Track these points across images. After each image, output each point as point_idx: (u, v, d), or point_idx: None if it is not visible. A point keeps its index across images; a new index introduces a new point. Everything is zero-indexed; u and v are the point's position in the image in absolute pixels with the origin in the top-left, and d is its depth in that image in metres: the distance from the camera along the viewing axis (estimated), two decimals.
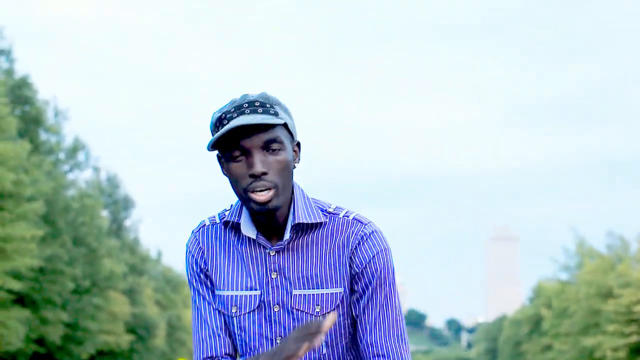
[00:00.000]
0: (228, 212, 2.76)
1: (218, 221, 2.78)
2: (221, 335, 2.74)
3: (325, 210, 2.71)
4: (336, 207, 2.72)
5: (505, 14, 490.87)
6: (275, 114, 2.56)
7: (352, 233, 2.67)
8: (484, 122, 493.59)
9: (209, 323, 2.74)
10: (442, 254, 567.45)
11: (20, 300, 35.68)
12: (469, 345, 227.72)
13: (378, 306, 2.66)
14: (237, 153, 2.54)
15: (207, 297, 2.76)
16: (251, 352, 2.71)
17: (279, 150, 2.55)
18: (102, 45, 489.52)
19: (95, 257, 45.12)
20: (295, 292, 2.66)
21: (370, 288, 2.65)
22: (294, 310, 2.67)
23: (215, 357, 2.73)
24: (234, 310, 2.71)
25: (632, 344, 46.77)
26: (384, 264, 2.67)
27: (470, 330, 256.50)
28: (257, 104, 2.55)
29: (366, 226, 2.68)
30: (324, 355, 2.71)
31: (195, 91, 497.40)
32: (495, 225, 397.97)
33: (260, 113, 2.54)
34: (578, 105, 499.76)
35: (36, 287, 35.92)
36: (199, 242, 2.77)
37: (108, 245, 48.91)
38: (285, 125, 2.60)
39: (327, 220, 2.69)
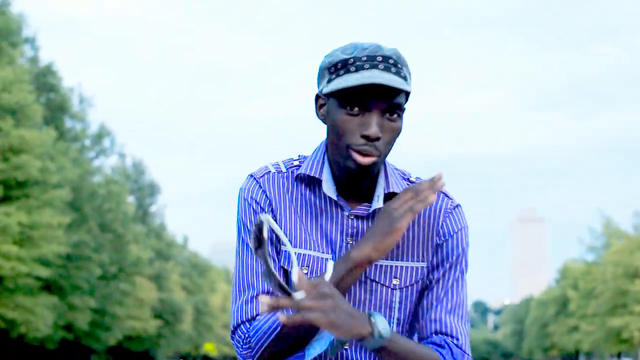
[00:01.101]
0: (297, 162, 2.51)
1: (284, 170, 2.50)
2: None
3: (408, 179, 2.52)
4: (416, 177, 2.53)
5: (525, 1, 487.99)
6: (405, 78, 2.31)
7: (439, 207, 2.48)
8: (511, 106, 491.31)
9: (256, 268, 2.43)
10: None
11: (48, 287, 35.88)
12: (496, 327, 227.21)
13: (450, 283, 2.47)
14: (355, 106, 2.29)
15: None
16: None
17: (397, 117, 2.32)
18: (129, 33, 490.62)
19: (122, 243, 45.31)
20: None
21: (446, 263, 2.47)
22: (368, 281, 2.42)
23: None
24: (304, 271, 2.41)
25: None
26: (464, 241, 2.49)
27: (497, 312, 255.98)
28: (391, 61, 2.29)
29: (452, 201, 2.50)
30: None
31: (222, 80, 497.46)
32: (521, 207, 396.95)
33: (394, 73, 2.29)
34: (605, 87, 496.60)
35: (63, 274, 36.12)
36: (263, 190, 2.46)
37: (134, 231, 49.07)
38: (407, 93, 2.37)
39: None
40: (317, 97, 2.41)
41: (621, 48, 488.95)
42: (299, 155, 2.53)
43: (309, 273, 2.40)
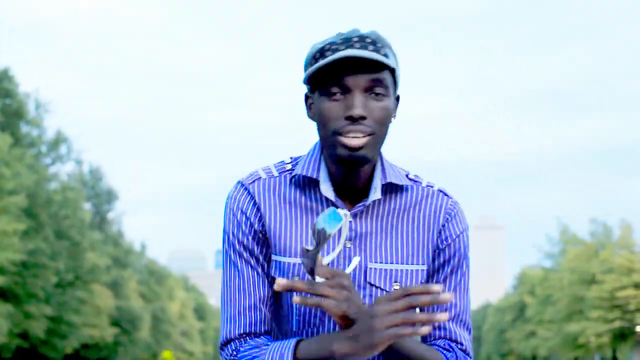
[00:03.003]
0: (290, 165, 2.38)
1: (276, 174, 2.35)
2: (263, 309, 2.32)
3: (407, 175, 2.40)
4: (415, 175, 2.41)
5: (500, 3, 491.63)
6: (386, 56, 2.19)
7: (440, 207, 2.37)
8: (469, 113, 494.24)
9: (251, 293, 2.31)
10: None
11: (3, 294, 35.56)
12: None
13: (452, 287, 2.38)
14: (335, 90, 2.18)
15: (252, 262, 2.32)
16: (310, 330, 2.33)
17: (382, 95, 2.19)
18: (86, 39, 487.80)
19: (79, 250, 44.99)
20: (371, 265, 2.30)
21: (447, 268, 2.37)
22: (368, 286, 2.30)
23: (255, 333, 2.31)
24: (295, 279, 2.23)
25: (616, 330, 47.03)
26: (466, 243, 2.40)
27: None
28: (368, 40, 2.18)
29: (452, 200, 2.39)
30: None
31: (180, 85, 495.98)
32: (479, 214, 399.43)
33: (371, 51, 2.16)
34: (562, 96, 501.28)
35: (19, 281, 35.80)
36: (252, 197, 2.32)
37: (91, 238, 48.77)
38: (392, 70, 2.24)
39: (411, 186, 2.38)
40: (307, 98, 2.31)
41: (587, 57, 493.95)
42: (291, 158, 2.40)
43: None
